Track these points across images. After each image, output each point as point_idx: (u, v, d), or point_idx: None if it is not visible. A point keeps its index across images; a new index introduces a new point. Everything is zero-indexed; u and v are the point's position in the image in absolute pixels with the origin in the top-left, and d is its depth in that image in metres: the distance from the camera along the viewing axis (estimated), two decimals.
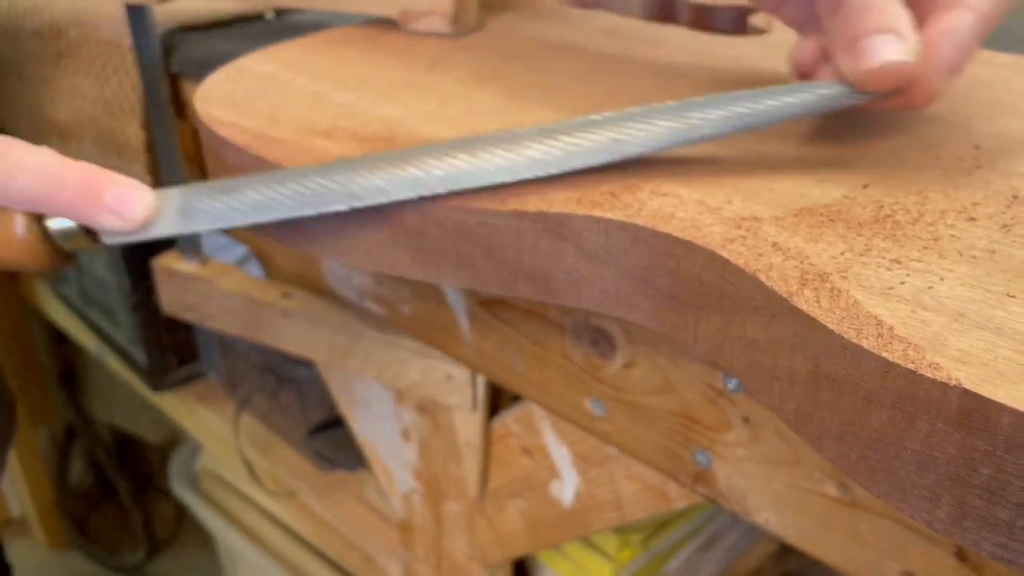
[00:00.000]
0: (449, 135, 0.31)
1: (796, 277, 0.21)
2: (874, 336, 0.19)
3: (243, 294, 0.52)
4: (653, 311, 0.26)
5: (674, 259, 0.24)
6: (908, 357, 0.18)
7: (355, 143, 0.31)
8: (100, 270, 0.82)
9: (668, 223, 0.24)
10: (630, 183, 0.27)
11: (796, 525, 0.33)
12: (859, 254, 0.22)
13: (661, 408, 0.35)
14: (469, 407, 0.48)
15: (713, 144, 0.29)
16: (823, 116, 0.31)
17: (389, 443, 0.57)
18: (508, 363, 0.42)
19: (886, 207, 0.24)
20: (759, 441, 0.33)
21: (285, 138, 0.31)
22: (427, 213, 0.28)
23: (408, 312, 0.46)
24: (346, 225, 0.29)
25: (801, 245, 0.23)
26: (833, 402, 0.20)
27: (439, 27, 0.41)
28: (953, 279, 0.21)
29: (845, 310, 0.20)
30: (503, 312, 0.40)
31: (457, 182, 0.27)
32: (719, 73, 0.35)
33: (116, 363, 0.88)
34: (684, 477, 0.36)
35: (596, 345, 0.37)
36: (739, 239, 0.23)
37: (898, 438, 0.19)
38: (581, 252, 0.26)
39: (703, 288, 0.24)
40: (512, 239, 0.27)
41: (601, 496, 0.44)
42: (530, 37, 0.41)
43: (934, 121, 0.30)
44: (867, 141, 0.29)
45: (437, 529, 0.57)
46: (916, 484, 0.19)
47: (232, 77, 0.37)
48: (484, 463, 0.51)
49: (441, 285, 0.42)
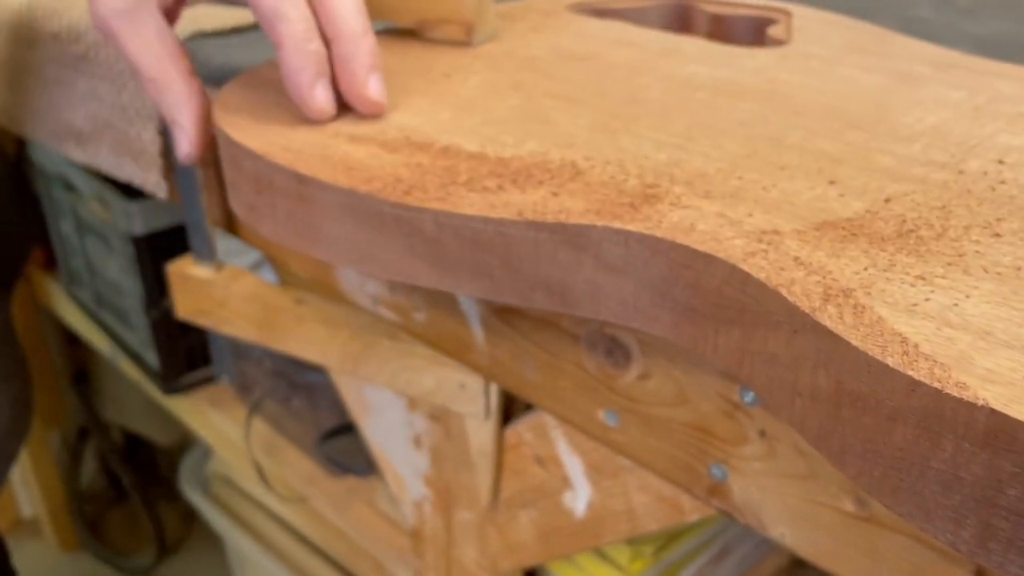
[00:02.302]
0: (467, 145, 0.31)
1: (819, 292, 0.21)
2: (899, 354, 0.19)
3: (256, 300, 0.52)
4: (672, 323, 0.26)
5: (694, 272, 0.24)
6: (934, 376, 0.18)
7: (378, 148, 0.31)
8: (114, 274, 0.82)
9: (688, 235, 0.24)
10: (649, 194, 0.27)
11: (812, 540, 0.33)
12: (883, 270, 0.22)
13: (676, 420, 0.35)
14: (482, 415, 0.48)
15: (731, 155, 0.29)
16: (841, 122, 0.31)
17: (400, 450, 0.56)
18: (521, 372, 0.41)
19: (909, 222, 0.24)
20: (775, 455, 0.32)
21: (305, 146, 0.31)
22: (445, 223, 0.28)
23: (421, 319, 0.46)
24: (363, 234, 0.29)
25: (823, 260, 0.22)
26: (856, 419, 0.20)
27: (456, 36, 0.41)
28: (979, 296, 0.21)
29: (869, 327, 0.20)
30: (517, 321, 0.40)
31: None
32: (739, 84, 0.35)
33: (129, 366, 0.88)
34: (699, 490, 0.36)
35: (611, 355, 0.37)
36: (760, 253, 0.23)
37: (923, 457, 0.19)
38: (599, 263, 0.26)
39: (723, 301, 0.24)
40: (530, 249, 0.27)
41: (614, 507, 0.44)
42: (546, 46, 0.41)
43: (956, 134, 0.30)
44: (887, 153, 0.29)
45: (448, 537, 0.57)
46: (940, 504, 0.19)
47: (251, 84, 0.37)
48: (496, 472, 0.51)
49: (457, 294, 0.41)
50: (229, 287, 0.53)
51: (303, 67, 0.32)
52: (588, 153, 0.30)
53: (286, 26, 0.31)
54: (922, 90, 0.34)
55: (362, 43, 0.32)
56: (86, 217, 0.83)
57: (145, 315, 0.79)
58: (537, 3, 0.48)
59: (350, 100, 0.33)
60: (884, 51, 0.38)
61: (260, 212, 0.32)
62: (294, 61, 0.32)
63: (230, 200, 0.35)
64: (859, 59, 0.37)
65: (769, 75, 0.36)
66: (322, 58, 0.32)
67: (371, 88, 0.32)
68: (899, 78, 0.35)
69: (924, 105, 0.32)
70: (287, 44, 0.31)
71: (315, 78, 0.32)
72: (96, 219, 0.81)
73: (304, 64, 0.32)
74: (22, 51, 0.62)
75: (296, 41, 0.31)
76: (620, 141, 0.31)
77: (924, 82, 0.35)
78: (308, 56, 0.32)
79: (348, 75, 0.32)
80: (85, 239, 0.85)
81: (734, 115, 0.32)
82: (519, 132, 0.32)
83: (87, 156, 0.58)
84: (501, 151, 0.30)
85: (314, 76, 0.32)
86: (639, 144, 0.30)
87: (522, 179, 0.28)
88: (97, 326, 0.92)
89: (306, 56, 0.32)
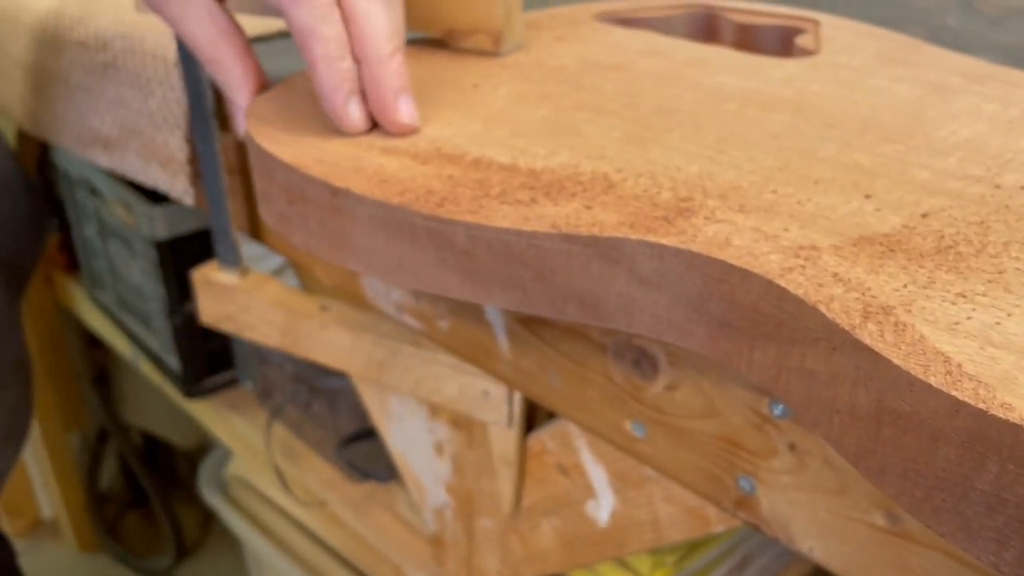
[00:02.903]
0: (498, 157, 0.31)
1: (859, 310, 0.21)
2: (942, 373, 0.19)
3: (281, 306, 0.52)
4: (706, 338, 0.25)
5: (729, 287, 0.24)
6: (979, 396, 0.18)
7: (410, 160, 0.31)
8: (137, 277, 0.83)
9: (724, 250, 0.24)
10: (683, 208, 0.27)
11: (841, 554, 0.33)
12: (922, 287, 0.22)
13: (704, 432, 0.35)
14: (505, 423, 0.48)
15: (764, 167, 0.29)
16: (874, 134, 0.30)
17: (422, 457, 0.57)
18: (546, 382, 0.41)
19: (947, 238, 0.24)
20: (805, 469, 0.32)
21: (338, 158, 0.32)
22: (477, 235, 0.28)
23: (446, 328, 0.46)
24: (395, 246, 0.29)
25: (862, 276, 0.22)
26: (897, 439, 0.20)
27: (484, 46, 0.41)
28: (1021, 315, 0.20)
29: (911, 345, 0.20)
30: (542, 330, 0.40)
31: None
32: (769, 95, 0.35)
33: (150, 369, 0.89)
34: (726, 502, 0.36)
35: (638, 366, 0.37)
36: (798, 268, 0.23)
37: (966, 478, 0.19)
38: (633, 276, 0.26)
39: (759, 317, 0.24)
40: (563, 262, 0.27)
41: (638, 517, 0.44)
42: (574, 56, 0.41)
43: (991, 148, 0.30)
44: (922, 167, 0.28)
45: (469, 545, 0.57)
46: (984, 525, 0.19)
47: (282, 95, 0.37)
48: (518, 480, 0.51)
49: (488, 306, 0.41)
50: (254, 293, 0.53)
51: (337, 87, 0.32)
52: (619, 165, 0.30)
53: (320, 46, 0.31)
54: (955, 102, 0.34)
55: (389, 65, 0.32)
56: (109, 221, 0.83)
57: (167, 319, 0.80)
58: (563, 12, 0.48)
59: (381, 122, 0.33)
60: (915, 61, 0.38)
61: (292, 222, 0.32)
62: (328, 80, 0.32)
63: (261, 210, 0.35)
64: (890, 70, 0.37)
65: (799, 86, 0.36)
66: (354, 75, 0.33)
67: (401, 111, 0.33)
68: (931, 89, 0.35)
69: (958, 118, 0.32)
70: (320, 63, 0.32)
71: (348, 96, 0.32)
72: (119, 223, 0.81)
73: (338, 83, 0.32)
74: (48, 58, 0.63)
75: (329, 60, 0.32)
76: (651, 153, 0.31)
77: (957, 94, 0.34)
78: (340, 75, 0.32)
79: (377, 98, 0.33)
80: (108, 243, 0.86)
81: (765, 127, 0.32)
82: (550, 143, 0.32)
83: (113, 162, 0.58)
84: (532, 163, 0.30)
85: (347, 95, 0.32)
86: (670, 156, 0.30)
87: (554, 191, 0.28)
88: (118, 329, 0.93)
89: (339, 75, 0.32)
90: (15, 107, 0.68)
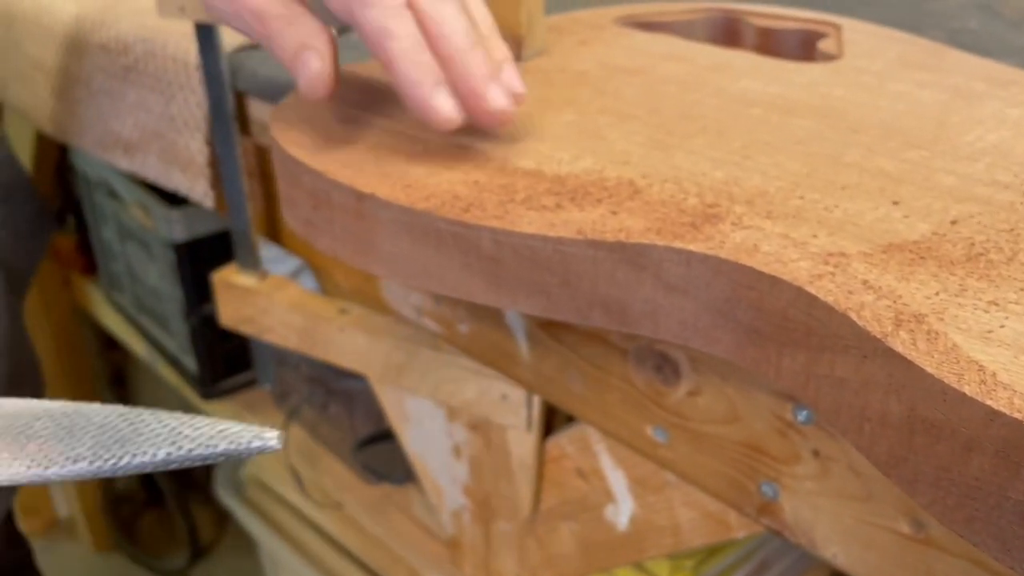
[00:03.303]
0: (523, 162, 0.31)
1: (890, 318, 0.21)
2: (976, 382, 0.19)
3: (301, 308, 0.52)
4: (733, 344, 0.25)
5: (758, 293, 0.24)
6: (1014, 406, 0.18)
7: (436, 166, 0.31)
8: (154, 279, 0.83)
9: (752, 256, 0.24)
10: (710, 214, 0.27)
11: (866, 561, 0.33)
12: (954, 295, 0.22)
13: (727, 438, 0.35)
14: (524, 427, 0.48)
15: (790, 173, 0.29)
16: (899, 139, 0.30)
17: (439, 460, 0.57)
18: (567, 386, 0.41)
19: (977, 245, 0.24)
20: (829, 475, 0.32)
21: (364, 162, 0.32)
22: (503, 241, 0.28)
23: (465, 331, 0.46)
24: (420, 251, 0.29)
25: (893, 284, 0.22)
26: (929, 447, 0.20)
27: None
28: None
29: (944, 354, 0.20)
30: (563, 334, 0.40)
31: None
32: (793, 100, 0.35)
33: (167, 370, 0.89)
34: (748, 508, 0.36)
35: (660, 371, 0.37)
36: (827, 275, 0.23)
37: (1000, 487, 0.19)
38: (659, 282, 0.26)
39: (788, 324, 0.23)
40: (588, 268, 0.27)
41: (657, 522, 0.44)
42: (596, 60, 0.41)
43: (1018, 153, 0.29)
44: (949, 172, 0.28)
45: (486, 548, 0.57)
46: (1018, 535, 0.19)
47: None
48: (536, 483, 0.51)
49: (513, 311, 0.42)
50: (273, 296, 0.53)
51: (420, 79, 0.31)
52: (645, 171, 0.30)
53: (395, 43, 0.30)
54: (980, 107, 0.33)
55: (473, 56, 0.31)
56: (128, 223, 0.84)
57: (184, 320, 0.80)
58: (584, 16, 0.48)
59: (474, 115, 0.32)
60: (938, 66, 0.38)
61: (317, 227, 0.32)
62: (410, 75, 0.31)
63: (285, 214, 0.35)
64: (913, 74, 0.37)
65: (823, 91, 0.36)
66: (436, 67, 0.31)
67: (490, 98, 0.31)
68: (956, 94, 0.35)
69: (984, 123, 0.32)
70: (399, 59, 0.31)
71: (434, 87, 0.31)
72: (138, 225, 0.82)
73: (420, 76, 0.31)
74: (70, 62, 0.63)
75: (407, 54, 0.30)
76: (676, 158, 0.31)
77: (981, 99, 0.34)
78: (422, 67, 0.31)
79: (467, 90, 0.31)
80: (126, 245, 0.87)
81: (790, 132, 0.32)
82: (574, 149, 0.32)
83: (134, 165, 0.59)
84: (557, 168, 0.30)
85: (433, 86, 0.31)
86: (695, 161, 0.30)
87: (580, 197, 0.28)
88: (136, 330, 0.93)
89: (420, 68, 0.31)
90: (36, 110, 0.69)
